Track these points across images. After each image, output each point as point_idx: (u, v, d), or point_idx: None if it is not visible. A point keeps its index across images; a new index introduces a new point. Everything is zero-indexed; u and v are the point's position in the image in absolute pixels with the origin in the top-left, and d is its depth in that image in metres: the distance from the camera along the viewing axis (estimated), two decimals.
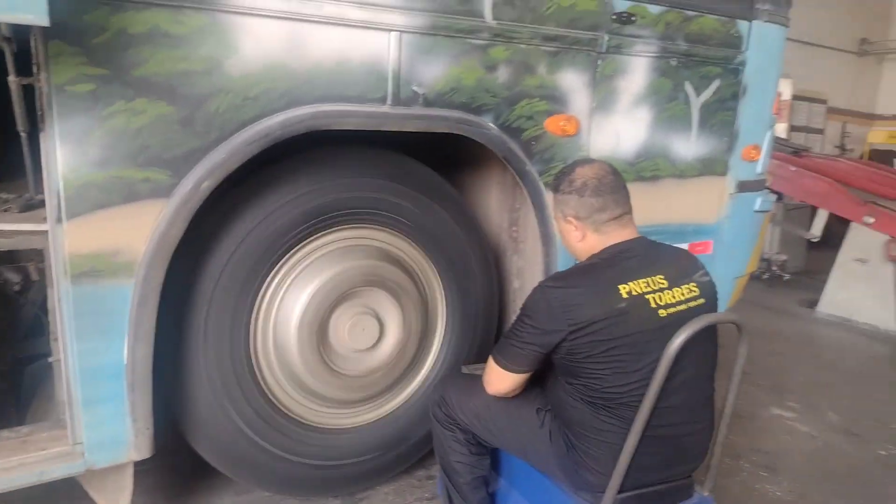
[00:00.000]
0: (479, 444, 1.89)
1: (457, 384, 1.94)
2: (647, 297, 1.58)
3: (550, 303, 1.58)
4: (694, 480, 1.79)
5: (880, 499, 2.60)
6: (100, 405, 1.68)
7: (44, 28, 1.32)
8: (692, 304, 1.63)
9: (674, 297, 1.61)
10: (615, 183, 1.70)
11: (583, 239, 1.73)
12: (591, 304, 1.55)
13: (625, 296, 1.56)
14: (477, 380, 1.85)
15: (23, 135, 1.53)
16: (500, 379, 1.73)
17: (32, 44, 1.41)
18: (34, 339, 2.22)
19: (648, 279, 1.60)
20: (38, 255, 1.92)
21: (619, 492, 1.60)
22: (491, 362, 1.73)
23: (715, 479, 1.83)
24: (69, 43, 1.42)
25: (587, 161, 1.80)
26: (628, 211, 1.72)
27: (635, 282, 1.59)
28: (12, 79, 1.44)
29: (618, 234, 1.69)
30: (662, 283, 1.61)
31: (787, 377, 3.82)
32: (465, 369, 2.13)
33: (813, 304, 5.48)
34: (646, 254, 1.67)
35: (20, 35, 1.46)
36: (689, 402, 1.64)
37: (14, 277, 2.03)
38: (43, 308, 2.12)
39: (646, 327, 1.56)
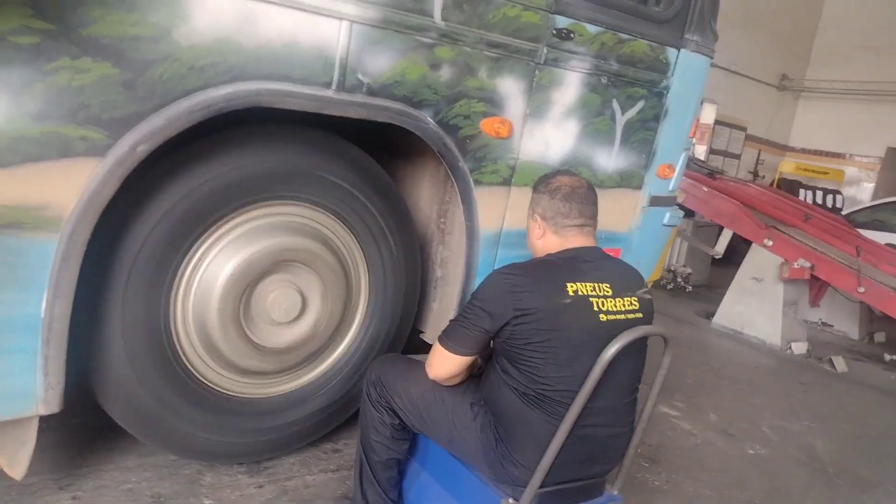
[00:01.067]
0: (403, 430, 1.96)
1: (396, 368, 1.98)
2: (591, 299, 1.70)
3: (501, 287, 1.69)
4: (605, 479, 1.93)
5: (744, 490, 2.90)
6: (10, 356, 1.66)
7: None
8: (630, 315, 1.75)
9: (615, 306, 1.73)
10: (586, 196, 1.85)
11: (542, 237, 1.87)
12: (537, 294, 1.66)
13: (570, 293, 1.67)
14: (416, 366, 1.92)
15: None
16: (443, 361, 1.79)
17: None
18: None
19: (595, 284, 1.72)
20: None
21: (540, 486, 1.69)
22: (437, 345, 1.80)
23: (625, 479, 1.95)
24: None
25: (569, 172, 1.99)
26: (591, 224, 1.86)
27: (583, 283, 1.71)
28: None
29: (576, 240, 1.83)
30: (607, 291, 1.73)
31: (678, 379, 4.13)
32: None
33: (710, 315, 5.89)
34: (597, 262, 1.80)
35: None
36: (615, 405, 1.76)
37: None
38: None
39: (584, 326, 1.67)
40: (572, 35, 2.39)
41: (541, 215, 1.87)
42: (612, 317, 1.71)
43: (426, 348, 2.33)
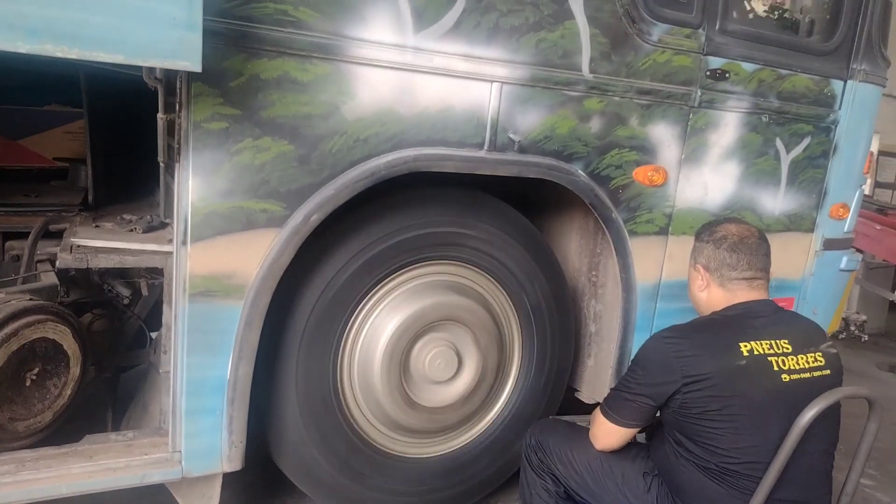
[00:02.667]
0: (568, 498, 1.87)
1: (558, 432, 1.90)
2: (769, 358, 1.56)
3: (664, 353, 1.58)
4: None
5: None
6: (200, 416, 1.80)
7: (190, 72, 1.47)
8: (817, 373, 1.59)
9: (798, 364, 1.58)
10: (756, 246, 1.71)
11: (705, 289, 1.75)
12: (707, 358, 1.54)
13: (745, 353, 1.54)
14: (580, 431, 1.84)
15: (161, 165, 1.68)
16: (608, 434, 1.70)
17: (178, 85, 1.56)
18: (135, 350, 2.39)
19: (772, 341, 1.58)
20: (152, 273, 2.08)
21: None
22: (599, 416, 1.72)
23: None
24: (209, 85, 1.57)
25: (738, 220, 1.86)
26: (762, 277, 1.72)
27: (758, 342, 1.57)
28: (160, 115, 1.60)
29: (744, 294, 1.69)
30: (787, 348, 1.59)
31: None
32: (566, 419, 2.11)
33: (894, 368, 5.22)
34: (772, 317, 1.65)
35: (167, 76, 1.62)
36: (808, 474, 1.59)
37: (125, 292, 2.20)
38: (147, 322, 2.29)
39: (766, 389, 1.53)
40: (727, 75, 2.28)
41: (704, 266, 1.75)
42: (795, 376, 1.56)
43: (581, 407, 2.24)
